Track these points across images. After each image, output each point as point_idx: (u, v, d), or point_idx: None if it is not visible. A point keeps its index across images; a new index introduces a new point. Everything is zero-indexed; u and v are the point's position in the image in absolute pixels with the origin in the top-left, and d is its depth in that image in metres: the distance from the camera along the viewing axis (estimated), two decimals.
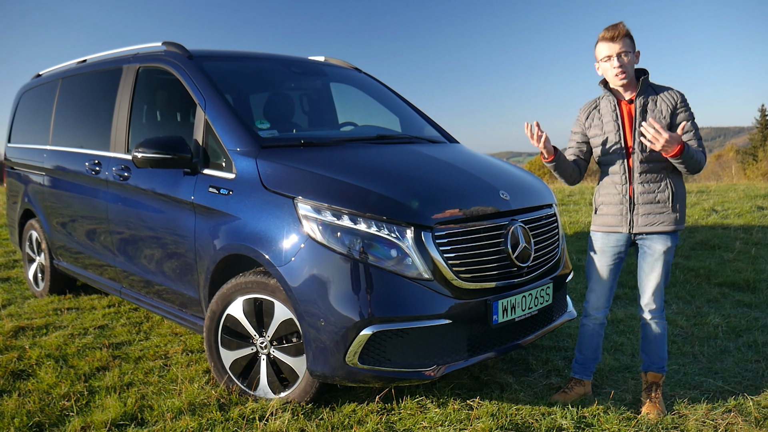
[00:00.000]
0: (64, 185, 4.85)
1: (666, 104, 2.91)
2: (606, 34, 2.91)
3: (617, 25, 2.92)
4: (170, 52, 3.98)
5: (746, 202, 9.36)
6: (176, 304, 3.75)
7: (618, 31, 2.89)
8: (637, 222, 2.99)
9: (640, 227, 2.99)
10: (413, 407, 3.09)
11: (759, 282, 5.24)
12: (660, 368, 3.12)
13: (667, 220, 2.95)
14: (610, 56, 2.91)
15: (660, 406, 3.01)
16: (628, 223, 3.01)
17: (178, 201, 3.53)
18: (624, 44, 2.90)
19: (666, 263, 3.01)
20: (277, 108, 4.27)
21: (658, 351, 3.11)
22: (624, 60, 2.90)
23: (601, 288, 3.16)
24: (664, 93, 2.94)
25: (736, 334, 4.11)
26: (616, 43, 2.89)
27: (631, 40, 2.93)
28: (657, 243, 2.99)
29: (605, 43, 2.92)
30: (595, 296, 3.18)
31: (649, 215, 2.97)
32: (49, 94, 5.41)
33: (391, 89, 4.92)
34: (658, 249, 2.98)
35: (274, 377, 3.12)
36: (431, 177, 3.32)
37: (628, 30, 2.92)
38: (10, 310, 5.03)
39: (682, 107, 2.91)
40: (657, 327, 3.09)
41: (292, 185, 3.03)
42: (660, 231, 2.96)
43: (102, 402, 3.19)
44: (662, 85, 3.00)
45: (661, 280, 3.03)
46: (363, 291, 2.77)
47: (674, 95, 2.92)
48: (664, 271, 3.02)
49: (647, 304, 3.07)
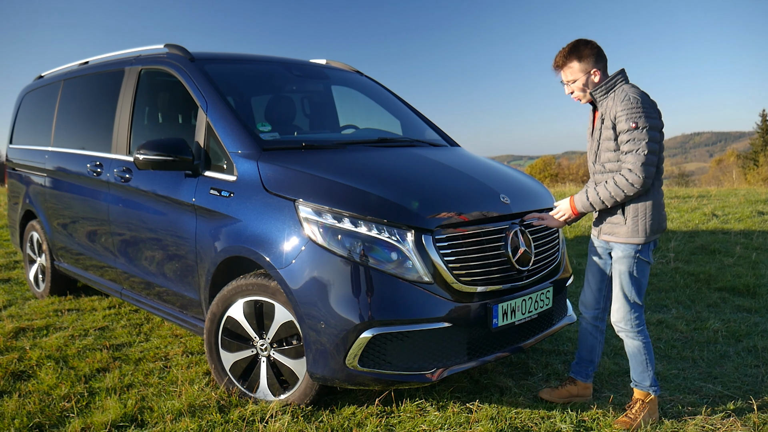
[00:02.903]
0: (66, 186, 4.86)
1: (609, 117, 2.82)
2: (552, 65, 2.95)
3: (557, 55, 2.92)
4: (172, 55, 3.99)
5: (747, 207, 9.37)
6: (177, 306, 3.76)
7: (555, 63, 2.93)
8: (601, 230, 2.98)
9: (602, 234, 2.98)
10: (413, 410, 3.09)
11: (759, 287, 5.24)
12: (641, 387, 2.97)
13: (618, 231, 2.88)
14: (563, 83, 2.96)
15: (630, 421, 2.88)
16: (598, 230, 3.02)
17: (179, 203, 3.54)
18: (565, 74, 2.91)
19: (625, 273, 2.87)
20: (279, 111, 4.28)
21: (636, 368, 2.97)
22: (570, 88, 2.92)
23: (588, 288, 3.16)
24: (613, 103, 2.80)
25: (736, 339, 4.11)
26: (558, 73, 2.95)
27: (577, 62, 2.85)
28: (614, 252, 2.94)
29: (557, 72, 2.96)
30: (583, 295, 3.20)
31: (606, 224, 2.94)
32: (51, 96, 5.42)
33: (393, 92, 4.93)
34: (615, 256, 2.93)
35: (274, 379, 3.12)
36: (432, 180, 3.33)
37: (566, 59, 2.86)
38: (10, 311, 5.04)
39: (621, 118, 2.74)
40: (630, 342, 2.96)
41: (293, 188, 3.04)
42: (616, 241, 2.91)
43: (102, 403, 3.19)
44: (631, 86, 2.81)
45: (623, 291, 2.89)
46: (363, 294, 2.77)
47: (615, 108, 2.77)
48: (627, 281, 2.87)
49: (612, 314, 2.98)
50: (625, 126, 2.73)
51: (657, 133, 2.76)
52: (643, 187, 2.74)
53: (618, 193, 2.78)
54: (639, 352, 2.96)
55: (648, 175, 2.73)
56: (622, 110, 2.74)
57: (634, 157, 2.72)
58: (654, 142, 2.73)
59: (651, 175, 2.75)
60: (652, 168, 2.74)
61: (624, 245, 2.88)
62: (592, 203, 2.88)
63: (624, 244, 2.88)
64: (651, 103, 2.78)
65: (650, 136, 2.72)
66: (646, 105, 2.74)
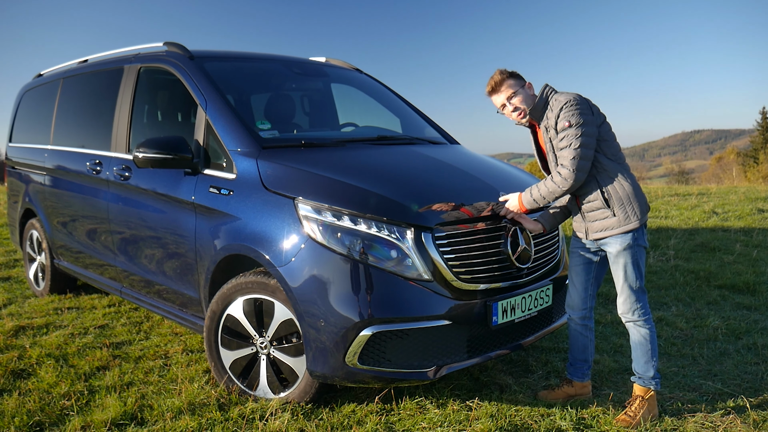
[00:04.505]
0: (65, 185, 4.86)
1: (552, 127, 2.91)
2: (488, 89, 3.04)
3: (492, 77, 3.02)
4: (171, 53, 3.98)
5: (747, 204, 9.37)
6: (176, 304, 3.76)
7: (495, 82, 3.01)
8: (590, 229, 2.99)
9: (592, 234, 2.99)
10: (413, 408, 3.10)
11: (759, 284, 5.24)
12: (643, 381, 2.99)
13: (611, 225, 2.90)
14: (503, 105, 3.02)
15: (630, 419, 2.89)
16: (584, 231, 3.03)
17: (178, 201, 3.53)
18: (506, 90, 2.99)
19: (628, 264, 2.92)
20: (278, 108, 4.28)
21: (640, 358, 3.00)
22: (514, 103, 2.99)
23: (574, 290, 3.16)
24: (552, 113, 2.89)
25: (736, 337, 4.11)
26: (499, 93, 3.01)
27: (513, 79, 2.99)
28: (611, 247, 2.95)
29: (492, 98, 3.05)
30: (569, 297, 3.21)
31: (595, 222, 2.96)
32: (50, 94, 5.42)
33: (392, 90, 4.93)
34: (613, 252, 2.95)
35: (274, 377, 3.12)
36: (432, 178, 3.33)
37: (503, 76, 2.99)
38: (10, 310, 5.04)
39: (559, 119, 2.85)
40: (636, 332, 3.00)
41: (293, 186, 3.03)
42: (608, 236, 2.93)
43: (102, 401, 3.19)
44: (561, 93, 2.92)
45: (628, 282, 2.93)
46: (363, 292, 2.77)
47: (552, 112, 2.89)
48: (631, 271, 2.92)
49: (619, 306, 3.02)
50: (560, 126, 2.85)
51: (592, 128, 2.85)
52: (576, 181, 2.84)
53: (554, 189, 2.89)
54: (645, 341, 2.98)
55: (580, 168, 2.82)
56: (559, 109, 2.86)
57: (567, 152, 2.83)
58: (588, 137, 2.82)
59: (584, 169, 2.84)
60: (585, 162, 2.83)
61: (621, 236, 2.90)
62: (535, 200, 2.96)
63: (621, 236, 2.90)
64: (584, 101, 2.88)
65: (583, 132, 2.81)
66: (578, 104, 2.84)
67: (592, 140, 2.84)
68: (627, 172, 2.95)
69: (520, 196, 3.02)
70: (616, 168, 2.91)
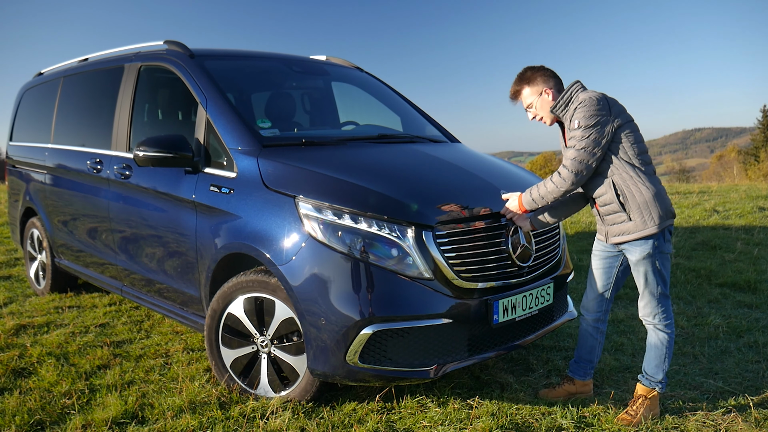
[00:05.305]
0: (66, 184, 4.86)
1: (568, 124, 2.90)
2: (509, 96, 3.09)
3: (513, 81, 3.06)
4: (172, 51, 3.98)
5: (748, 202, 9.36)
6: (177, 303, 3.76)
7: (512, 92, 3.06)
8: (609, 233, 2.97)
9: (611, 238, 2.96)
10: (413, 406, 3.10)
11: (760, 283, 5.24)
12: (650, 383, 2.98)
13: (627, 229, 2.86)
14: (526, 109, 3.07)
15: (631, 417, 2.89)
16: (605, 235, 3.02)
17: (179, 200, 3.53)
18: (525, 100, 3.02)
19: (648, 272, 2.88)
20: (279, 107, 4.27)
21: (652, 360, 2.98)
22: (532, 112, 3.03)
23: (591, 292, 3.15)
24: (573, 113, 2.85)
25: (737, 335, 4.11)
26: (517, 101, 3.06)
27: (527, 86, 3.00)
28: (632, 254, 2.91)
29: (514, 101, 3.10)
30: (586, 299, 3.19)
31: (613, 226, 2.93)
32: (50, 93, 5.41)
33: (393, 88, 4.92)
34: (633, 259, 2.91)
35: (275, 376, 3.12)
36: (432, 176, 3.32)
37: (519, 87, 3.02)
38: (11, 308, 5.04)
39: (573, 118, 2.84)
40: (654, 334, 2.98)
41: (294, 184, 3.03)
42: (626, 240, 2.89)
43: (103, 400, 3.19)
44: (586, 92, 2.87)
45: (649, 288, 2.91)
46: (364, 290, 2.77)
47: (569, 114, 2.87)
48: (652, 279, 2.89)
49: (640, 309, 3.01)
50: (571, 126, 2.84)
51: (601, 131, 2.78)
52: (575, 182, 2.83)
53: (553, 189, 2.88)
54: (661, 345, 2.97)
55: (580, 170, 2.80)
56: (574, 113, 2.84)
57: (571, 152, 2.83)
58: (593, 140, 2.77)
59: (583, 170, 2.81)
60: (586, 164, 2.80)
61: (640, 242, 2.84)
62: (534, 200, 2.96)
63: (639, 241, 2.84)
64: (602, 102, 2.81)
65: (589, 134, 2.77)
66: (592, 105, 2.78)
67: (598, 143, 2.78)
68: (648, 176, 2.85)
69: (520, 196, 3.02)
70: (635, 171, 2.82)
